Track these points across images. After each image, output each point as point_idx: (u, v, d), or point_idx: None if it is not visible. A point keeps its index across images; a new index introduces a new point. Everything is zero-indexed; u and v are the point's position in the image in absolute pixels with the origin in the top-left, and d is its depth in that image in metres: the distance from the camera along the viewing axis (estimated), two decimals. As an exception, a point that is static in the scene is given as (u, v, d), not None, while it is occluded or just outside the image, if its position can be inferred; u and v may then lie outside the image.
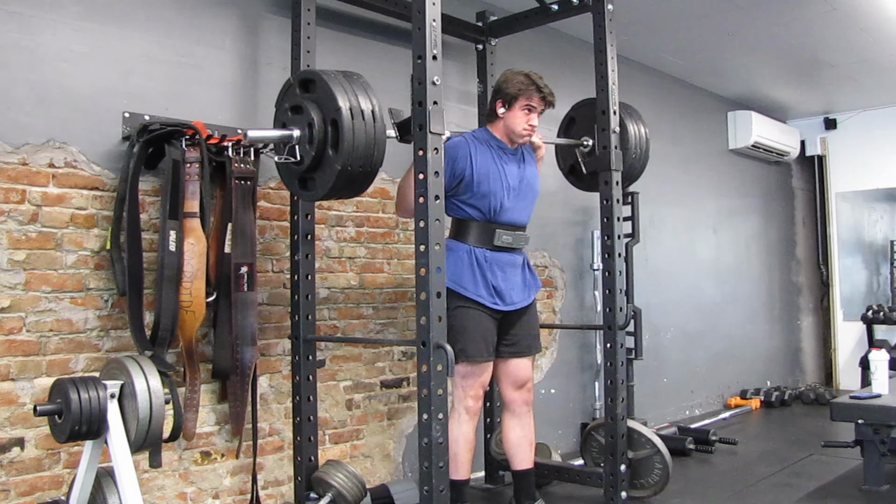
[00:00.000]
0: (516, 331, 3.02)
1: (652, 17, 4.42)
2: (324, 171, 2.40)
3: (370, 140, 2.35)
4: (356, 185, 2.46)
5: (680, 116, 5.66)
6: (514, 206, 2.98)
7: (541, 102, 2.97)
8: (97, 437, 2.20)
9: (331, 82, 2.36)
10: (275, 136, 2.45)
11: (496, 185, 2.92)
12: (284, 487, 3.11)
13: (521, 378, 3.06)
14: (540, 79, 2.96)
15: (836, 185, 6.90)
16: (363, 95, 2.37)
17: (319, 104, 2.38)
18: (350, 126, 2.31)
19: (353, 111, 2.33)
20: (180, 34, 2.91)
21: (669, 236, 5.43)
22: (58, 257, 2.55)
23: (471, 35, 3.85)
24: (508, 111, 2.96)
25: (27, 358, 2.47)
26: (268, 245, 3.12)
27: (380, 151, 2.39)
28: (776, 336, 6.62)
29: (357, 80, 2.42)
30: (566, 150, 3.64)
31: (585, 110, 3.54)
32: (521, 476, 3.09)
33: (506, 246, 2.95)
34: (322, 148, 2.37)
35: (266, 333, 3.08)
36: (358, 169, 2.36)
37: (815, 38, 4.80)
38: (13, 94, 2.48)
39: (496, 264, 2.92)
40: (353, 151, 2.32)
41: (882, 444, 3.46)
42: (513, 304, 2.98)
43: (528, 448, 3.08)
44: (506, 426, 3.09)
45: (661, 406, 5.13)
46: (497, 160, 2.96)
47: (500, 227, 2.93)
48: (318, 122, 2.37)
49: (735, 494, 3.56)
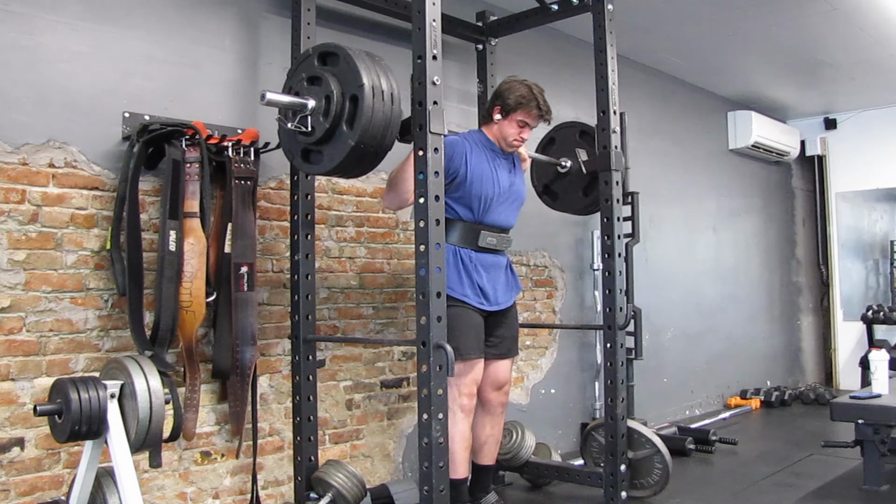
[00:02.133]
0: (500, 332, 3.07)
1: (652, 17, 4.42)
2: (335, 145, 2.39)
3: (387, 121, 2.34)
4: (364, 164, 2.45)
5: (680, 116, 5.66)
6: (501, 210, 3.02)
7: (537, 119, 3.01)
8: (97, 437, 2.20)
9: (357, 58, 2.35)
10: (291, 101, 2.42)
11: (488, 186, 2.95)
12: (284, 487, 3.11)
13: (501, 380, 3.11)
14: (541, 93, 2.99)
15: (836, 185, 6.90)
16: (385, 77, 2.37)
17: (340, 78, 2.37)
18: (371, 104, 2.30)
19: (374, 90, 2.31)
20: (180, 34, 2.90)
21: (669, 236, 5.43)
22: (58, 257, 2.55)
23: (471, 35, 3.85)
24: (504, 119, 3.00)
25: (27, 358, 2.47)
26: (268, 245, 3.12)
27: (392, 134, 2.39)
28: (776, 336, 6.62)
29: (380, 61, 2.41)
30: (542, 169, 3.70)
31: (566, 132, 3.61)
32: (483, 471, 3.17)
33: (490, 247, 2.98)
34: (337, 122, 2.36)
35: (266, 333, 3.08)
36: (370, 148, 2.35)
37: (815, 38, 4.80)
38: (13, 94, 2.48)
39: (480, 265, 2.95)
40: (368, 129, 2.31)
41: (882, 444, 3.46)
42: (497, 305, 3.02)
43: (494, 446, 3.17)
44: (478, 422, 3.12)
45: (661, 406, 5.13)
46: (490, 162, 2.99)
47: (485, 228, 2.96)
48: (338, 95, 2.35)
49: (735, 494, 3.55)
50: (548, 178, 3.68)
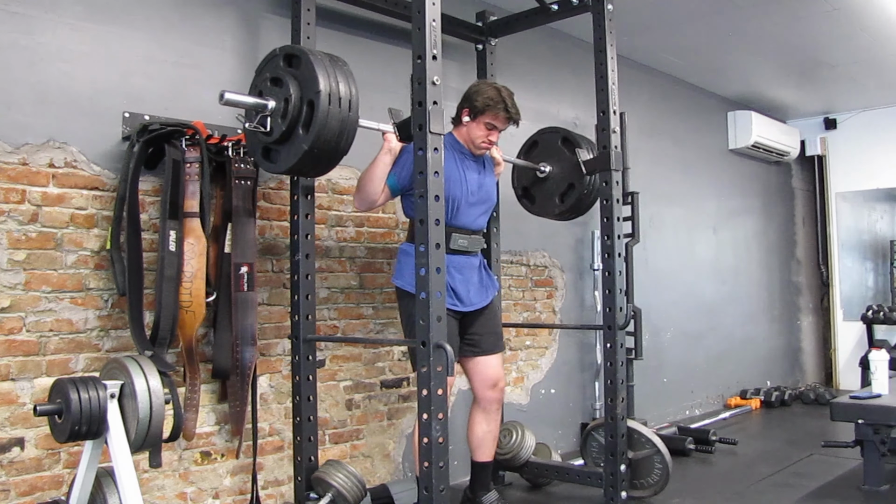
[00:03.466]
0: (476, 330, 3.07)
1: (652, 17, 4.43)
2: (290, 147, 2.45)
3: (342, 128, 2.39)
4: (319, 168, 2.54)
5: (680, 116, 5.66)
6: (470, 212, 3.03)
7: (505, 122, 3.01)
8: (97, 437, 2.20)
9: (315, 63, 2.38)
10: (250, 102, 2.48)
11: (456, 189, 2.95)
12: (284, 487, 3.11)
13: (492, 377, 3.11)
14: (510, 96, 3.00)
15: (836, 185, 6.90)
16: (344, 82, 2.40)
17: (300, 81, 2.41)
18: (326, 110, 2.35)
19: (331, 96, 2.36)
20: (180, 34, 2.90)
21: (669, 236, 5.43)
22: (58, 257, 2.55)
23: (471, 35, 3.85)
24: (472, 122, 3.01)
25: (27, 358, 2.47)
26: (268, 245, 3.12)
27: (348, 141, 2.44)
28: (776, 336, 6.62)
29: (342, 66, 2.44)
30: (522, 172, 3.71)
31: (549, 136, 3.63)
32: (481, 468, 3.18)
33: (461, 249, 2.99)
34: (293, 125, 2.41)
35: (266, 333, 3.08)
36: (324, 153, 2.42)
37: (815, 38, 4.80)
38: (13, 94, 2.48)
39: (453, 267, 2.94)
40: (322, 135, 2.37)
41: (882, 444, 3.46)
42: (471, 305, 3.02)
43: (491, 443, 3.18)
44: (474, 420, 3.15)
45: (661, 406, 5.14)
46: (459, 165, 3.00)
47: (455, 230, 2.96)
48: (296, 98, 2.40)
49: (735, 494, 3.56)
50: (527, 181, 3.70)
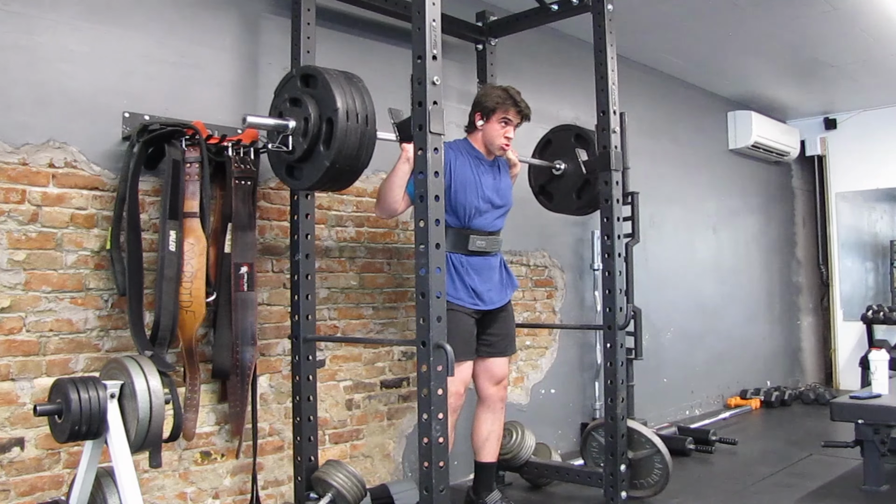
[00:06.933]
0: (494, 331, 3.14)
1: (652, 17, 4.42)
2: (313, 164, 2.52)
3: (361, 142, 2.47)
4: (341, 182, 2.61)
5: (680, 116, 5.66)
6: (487, 216, 3.09)
7: (517, 116, 3.08)
8: (97, 437, 2.19)
9: (332, 82, 2.45)
10: (271, 123, 2.57)
11: (472, 194, 3.03)
12: (284, 487, 3.11)
13: (498, 375, 3.17)
14: (517, 94, 3.08)
15: (836, 185, 6.90)
16: (360, 99, 2.48)
17: (318, 100, 2.49)
18: (344, 127, 2.43)
19: (349, 113, 2.43)
20: (180, 34, 2.90)
21: (669, 236, 5.43)
22: (58, 257, 2.55)
23: (471, 35, 3.85)
24: (487, 123, 3.08)
25: (27, 358, 2.47)
26: (268, 245, 3.12)
27: (367, 154, 2.52)
28: (776, 336, 6.62)
29: (357, 83, 2.52)
30: (538, 170, 3.76)
31: (562, 134, 3.68)
32: (485, 468, 3.21)
33: (480, 251, 3.06)
34: (314, 142, 2.49)
35: (266, 333, 3.08)
36: (345, 167, 2.49)
37: (815, 38, 4.80)
38: (13, 94, 2.48)
39: (472, 268, 3.03)
40: (342, 150, 2.44)
41: (882, 444, 3.46)
42: (492, 304, 3.10)
43: (495, 442, 3.21)
44: (479, 419, 3.20)
45: (661, 406, 5.13)
46: (474, 170, 3.07)
47: (474, 233, 3.04)
48: (315, 117, 2.48)
49: (735, 494, 3.56)
50: (543, 179, 3.75)
